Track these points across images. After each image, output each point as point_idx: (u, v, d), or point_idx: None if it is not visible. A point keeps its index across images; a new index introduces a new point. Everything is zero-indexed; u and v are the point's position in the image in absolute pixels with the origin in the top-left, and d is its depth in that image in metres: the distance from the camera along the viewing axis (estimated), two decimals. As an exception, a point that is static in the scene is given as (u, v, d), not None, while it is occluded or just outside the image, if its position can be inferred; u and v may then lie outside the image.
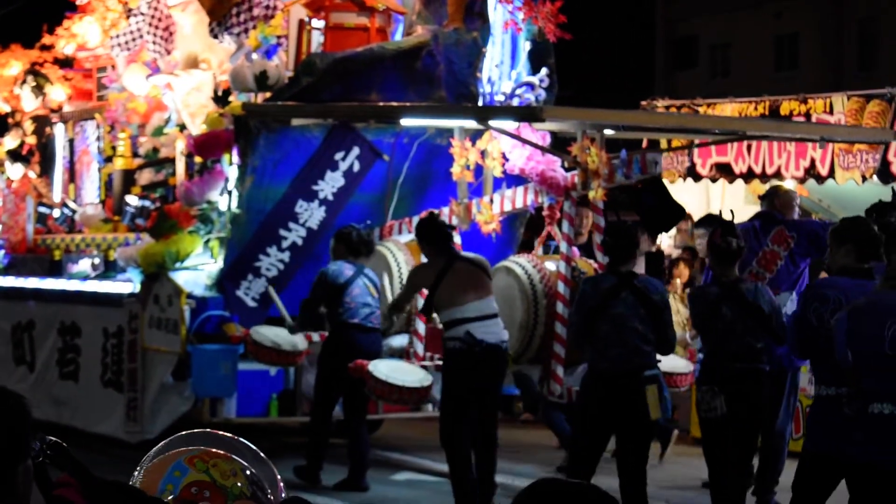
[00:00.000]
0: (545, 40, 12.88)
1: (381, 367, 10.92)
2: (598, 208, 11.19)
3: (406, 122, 12.31)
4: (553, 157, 11.78)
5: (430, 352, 12.03)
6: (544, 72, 12.70)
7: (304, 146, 12.50)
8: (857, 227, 7.65)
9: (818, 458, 7.32)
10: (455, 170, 11.91)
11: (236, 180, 12.42)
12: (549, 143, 12.35)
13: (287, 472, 10.94)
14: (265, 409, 12.63)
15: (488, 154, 11.94)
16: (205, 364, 12.06)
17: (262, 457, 3.07)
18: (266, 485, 2.99)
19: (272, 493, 2.99)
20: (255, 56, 12.74)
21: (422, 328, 12.16)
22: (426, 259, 10.65)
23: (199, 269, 12.58)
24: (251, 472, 2.96)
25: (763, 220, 10.90)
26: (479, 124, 11.68)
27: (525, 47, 12.92)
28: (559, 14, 12.65)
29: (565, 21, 12.69)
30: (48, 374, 14.13)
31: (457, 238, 11.42)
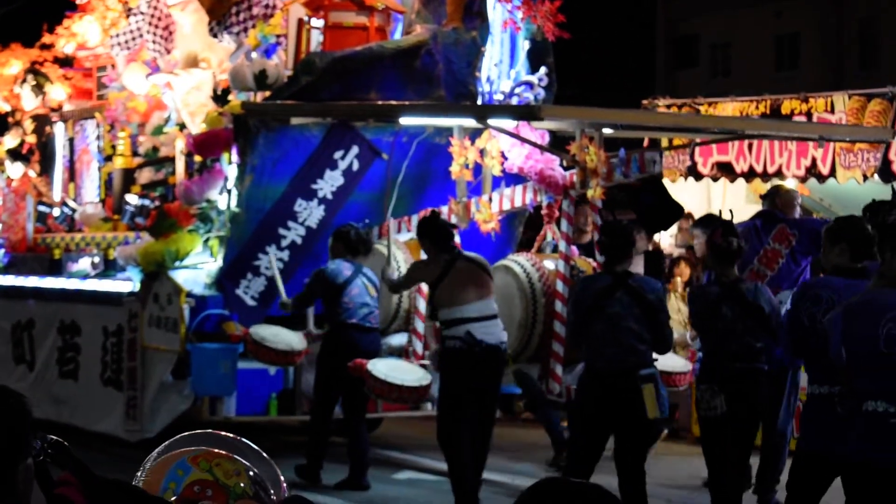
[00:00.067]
0: (544, 39, 12.88)
1: (380, 366, 10.92)
2: (596, 207, 11.20)
3: (405, 120, 12.32)
4: (552, 156, 11.78)
5: (428, 350, 12.03)
6: (543, 71, 12.71)
7: (303, 145, 12.50)
8: (852, 226, 7.63)
9: (811, 457, 7.32)
10: (454, 169, 11.92)
11: (235, 179, 12.42)
12: (547, 142, 12.36)
13: (287, 471, 10.93)
14: (265, 407, 12.62)
15: (487, 153, 11.95)
16: (204, 363, 12.06)
17: (265, 457, 3.07)
18: (269, 485, 2.99)
19: (275, 493, 2.99)
20: (254, 55, 12.75)
21: (421, 327, 12.17)
22: (427, 257, 10.65)
23: (198, 267, 12.59)
24: (254, 472, 2.96)
25: (764, 218, 10.90)
26: (477, 123, 11.68)
27: (524, 46, 12.92)
28: (558, 13, 12.66)
29: (564, 20, 12.69)
30: (48, 373, 14.13)
31: (456, 237, 11.41)
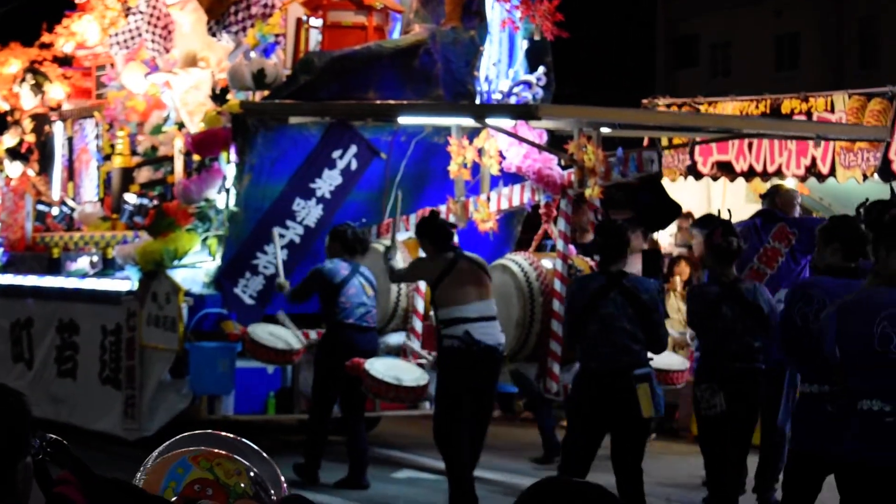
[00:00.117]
0: (543, 39, 12.89)
1: (378, 366, 10.92)
2: (594, 206, 11.21)
3: (403, 120, 12.32)
4: (550, 155, 11.78)
5: (427, 349, 12.05)
6: (541, 70, 12.71)
7: (301, 144, 12.50)
8: (845, 226, 7.65)
9: (804, 458, 7.32)
10: (452, 168, 11.93)
11: (234, 178, 12.43)
12: (546, 141, 12.36)
13: (286, 469, 10.93)
14: (263, 406, 12.64)
15: (485, 152, 11.95)
16: (202, 362, 12.07)
17: (266, 457, 3.07)
18: (269, 485, 2.99)
19: (276, 494, 2.99)
20: (253, 54, 12.76)
21: (419, 326, 12.17)
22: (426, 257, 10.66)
23: (196, 266, 12.59)
24: (255, 473, 2.96)
25: (764, 217, 10.92)
26: (476, 122, 11.69)
27: (522, 46, 12.92)
28: (556, 12, 12.66)
29: (562, 19, 12.69)
30: (46, 372, 14.13)
31: (454, 237, 11.42)
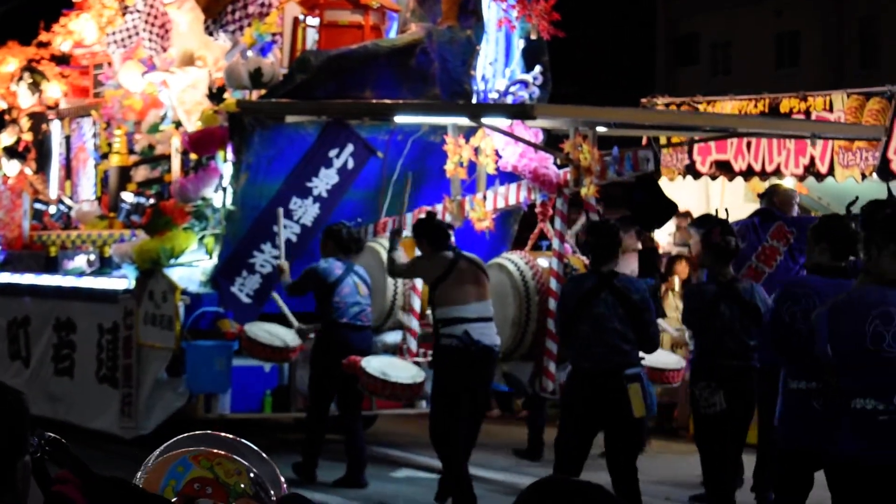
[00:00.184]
0: (539, 38, 12.90)
1: (374, 363, 10.93)
2: (590, 205, 11.23)
3: (400, 119, 12.34)
4: (546, 155, 11.79)
5: (423, 348, 12.06)
6: (538, 69, 12.72)
7: (298, 143, 12.51)
8: (834, 225, 7.67)
9: (794, 455, 7.35)
10: (448, 167, 11.94)
11: (231, 177, 12.45)
12: (542, 140, 12.37)
13: (283, 468, 10.95)
14: (259, 405, 12.65)
15: (481, 151, 11.97)
16: (199, 360, 12.08)
17: (265, 458, 3.08)
18: (269, 486, 3.01)
19: (275, 494, 3.01)
20: (250, 53, 12.76)
21: (415, 325, 12.18)
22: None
23: (193, 265, 12.60)
24: (255, 473, 2.97)
25: (762, 216, 10.94)
26: (472, 122, 11.70)
27: (519, 45, 12.93)
28: (553, 12, 12.67)
29: (559, 19, 12.71)
30: (43, 370, 14.14)
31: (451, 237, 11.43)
